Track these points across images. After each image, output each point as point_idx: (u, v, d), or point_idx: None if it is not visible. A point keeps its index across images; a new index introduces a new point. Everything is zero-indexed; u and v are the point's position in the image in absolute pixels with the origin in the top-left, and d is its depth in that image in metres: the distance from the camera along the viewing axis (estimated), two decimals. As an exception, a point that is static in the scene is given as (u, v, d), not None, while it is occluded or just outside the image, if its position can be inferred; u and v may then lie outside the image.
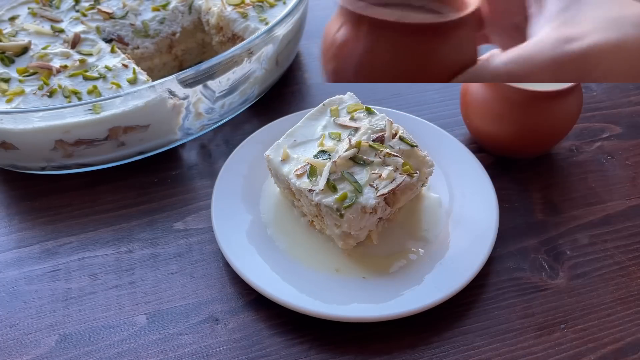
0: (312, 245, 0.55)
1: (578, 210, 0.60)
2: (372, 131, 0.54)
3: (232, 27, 0.71)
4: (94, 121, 0.58)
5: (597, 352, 0.48)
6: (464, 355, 0.48)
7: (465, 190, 0.58)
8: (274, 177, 0.56)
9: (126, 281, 0.54)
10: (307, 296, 0.49)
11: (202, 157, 0.67)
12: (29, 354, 0.49)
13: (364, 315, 0.48)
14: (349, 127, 0.55)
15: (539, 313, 0.51)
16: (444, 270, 0.51)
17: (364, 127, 0.54)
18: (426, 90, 0.76)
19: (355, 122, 0.56)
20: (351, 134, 0.55)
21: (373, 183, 0.49)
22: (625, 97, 0.74)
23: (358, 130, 0.54)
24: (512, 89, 0.56)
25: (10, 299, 0.53)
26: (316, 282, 0.51)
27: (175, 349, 0.49)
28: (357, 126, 0.55)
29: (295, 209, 0.57)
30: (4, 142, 0.60)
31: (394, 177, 0.50)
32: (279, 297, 0.49)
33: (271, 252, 0.54)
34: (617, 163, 0.65)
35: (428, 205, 0.58)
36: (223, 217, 0.56)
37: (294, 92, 0.76)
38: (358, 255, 0.54)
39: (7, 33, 0.69)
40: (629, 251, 0.56)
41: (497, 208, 0.55)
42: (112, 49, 0.67)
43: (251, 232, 0.55)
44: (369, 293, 0.50)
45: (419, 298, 0.49)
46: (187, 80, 0.60)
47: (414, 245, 0.54)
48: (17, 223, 0.60)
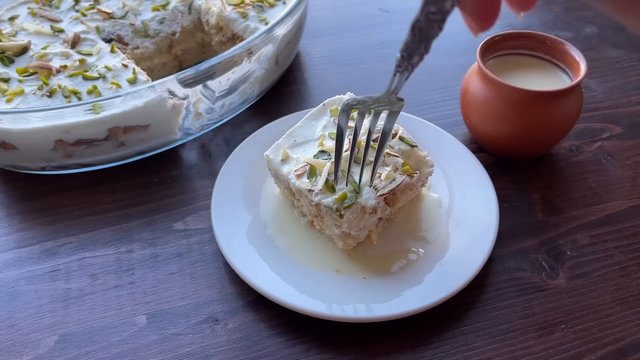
0: (312, 245, 0.55)
1: (578, 210, 0.60)
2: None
3: (232, 27, 0.71)
4: (93, 121, 0.58)
5: (597, 352, 0.48)
6: (464, 356, 0.48)
7: (466, 191, 0.58)
8: (274, 177, 0.56)
9: (126, 281, 0.54)
10: (307, 296, 0.49)
11: (202, 157, 0.67)
12: (29, 354, 0.49)
13: (364, 315, 0.48)
14: (349, 127, 0.55)
15: (539, 313, 0.51)
16: (444, 270, 0.51)
17: (364, 127, 0.54)
18: (426, 90, 0.76)
19: (355, 122, 0.56)
20: (351, 134, 0.55)
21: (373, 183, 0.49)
22: (625, 97, 0.74)
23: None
24: (512, 89, 0.56)
25: (10, 299, 0.53)
26: (316, 282, 0.51)
27: (175, 349, 0.49)
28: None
29: (295, 209, 0.57)
30: (4, 142, 0.60)
31: (393, 177, 0.50)
32: (279, 297, 0.49)
33: (271, 252, 0.54)
34: (617, 163, 0.65)
35: (428, 205, 0.58)
36: (223, 217, 0.56)
37: (294, 92, 0.76)
38: (358, 255, 0.54)
39: (7, 33, 0.69)
40: (629, 251, 0.56)
41: (497, 208, 0.55)
42: (112, 49, 0.67)
43: (251, 232, 0.55)
44: (369, 293, 0.50)
45: (419, 298, 0.49)
46: (187, 80, 0.60)
47: (414, 245, 0.54)
48: (17, 223, 0.60)
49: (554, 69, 0.62)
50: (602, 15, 0.90)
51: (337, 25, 0.90)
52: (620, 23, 0.87)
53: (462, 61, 0.81)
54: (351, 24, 0.90)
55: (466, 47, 0.84)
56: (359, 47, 0.84)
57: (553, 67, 0.62)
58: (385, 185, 0.49)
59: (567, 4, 0.93)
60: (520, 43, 0.63)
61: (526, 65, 0.63)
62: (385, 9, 0.93)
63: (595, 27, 0.87)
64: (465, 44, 0.85)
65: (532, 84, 0.59)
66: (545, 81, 0.61)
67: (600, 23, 0.88)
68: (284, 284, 0.50)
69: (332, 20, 0.91)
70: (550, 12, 0.91)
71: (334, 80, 0.78)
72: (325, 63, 0.82)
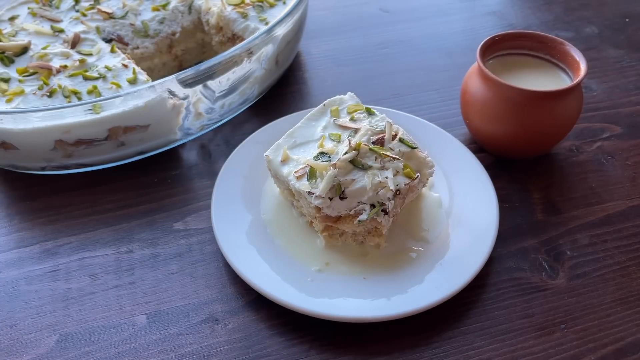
0: (312, 245, 0.55)
1: (578, 210, 0.60)
2: (372, 132, 0.54)
3: (232, 27, 0.71)
4: (94, 121, 0.58)
5: (597, 352, 0.48)
6: (464, 355, 0.48)
7: (466, 190, 0.58)
8: (274, 178, 0.56)
9: (126, 281, 0.54)
10: (307, 296, 0.49)
11: (202, 157, 0.67)
12: (29, 354, 0.49)
13: (364, 315, 0.48)
14: (349, 128, 0.55)
15: (539, 313, 0.51)
16: (444, 270, 0.51)
17: (364, 129, 0.54)
18: (426, 90, 0.76)
19: (355, 122, 0.56)
20: (351, 135, 0.55)
21: (378, 191, 0.49)
22: (625, 97, 0.74)
23: (358, 131, 0.54)
24: (512, 89, 0.56)
25: (10, 299, 0.53)
26: (316, 282, 0.51)
27: (175, 349, 0.49)
28: (357, 127, 0.55)
29: (295, 208, 0.57)
30: (4, 142, 0.60)
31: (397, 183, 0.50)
32: (278, 297, 0.49)
33: (271, 252, 0.54)
34: (617, 163, 0.65)
35: (428, 205, 0.58)
36: (223, 217, 0.56)
37: (294, 92, 0.76)
38: (358, 256, 0.54)
39: (7, 33, 0.69)
40: (629, 251, 0.56)
41: (497, 208, 0.55)
42: (112, 49, 0.67)
43: (251, 232, 0.55)
44: (369, 293, 0.50)
45: (419, 298, 0.49)
46: (187, 80, 0.60)
47: (414, 244, 0.54)
48: (17, 223, 0.60)
49: (554, 69, 0.62)
50: (602, 15, 0.90)
51: (337, 25, 0.90)
52: (620, 23, 0.87)
53: (462, 61, 0.81)
54: (351, 24, 0.90)
55: (466, 47, 0.84)
56: (359, 47, 0.84)
57: (553, 67, 0.63)
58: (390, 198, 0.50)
59: (567, 4, 0.93)
60: (520, 43, 0.63)
61: (526, 65, 0.63)
62: (385, 9, 0.93)
63: (595, 27, 0.87)
64: (465, 44, 0.85)
65: (532, 84, 0.59)
66: (545, 81, 0.61)
67: (600, 23, 0.88)
68: (284, 283, 0.50)
69: (332, 20, 0.91)
70: (550, 12, 0.91)
71: (334, 80, 0.78)
72: (325, 63, 0.82)
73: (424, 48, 0.84)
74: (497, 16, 0.91)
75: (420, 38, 0.86)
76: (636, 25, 0.88)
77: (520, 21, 0.89)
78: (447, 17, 0.91)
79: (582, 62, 0.59)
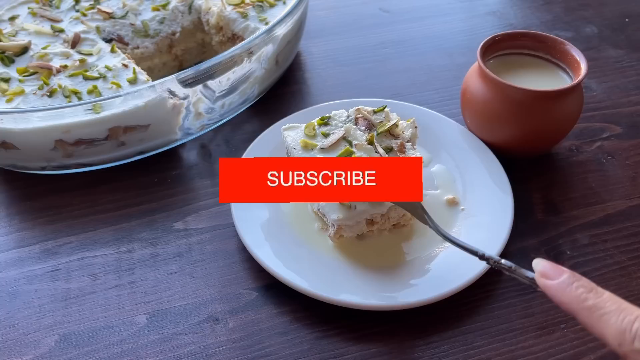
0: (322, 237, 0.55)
1: (578, 210, 0.60)
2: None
3: (232, 26, 0.71)
4: (94, 121, 0.58)
5: (597, 352, 0.48)
6: (464, 355, 0.48)
7: (477, 188, 0.59)
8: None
9: (126, 281, 0.54)
10: (318, 280, 0.50)
11: (202, 157, 0.67)
12: (29, 354, 0.49)
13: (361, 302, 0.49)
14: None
15: (539, 313, 0.51)
16: (444, 270, 0.51)
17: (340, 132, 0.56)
18: (426, 90, 0.76)
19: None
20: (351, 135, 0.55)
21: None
22: (625, 97, 0.74)
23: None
24: (513, 88, 0.56)
25: (10, 299, 0.53)
26: (329, 269, 0.52)
27: (175, 348, 0.49)
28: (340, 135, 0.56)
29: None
30: (4, 142, 0.60)
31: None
32: (292, 282, 0.50)
33: (286, 239, 0.55)
34: (617, 163, 0.65)
35: (433, 203, 0.58)
36: (242, 207, 0.56)
37: (294, 92, 0.76)
38: (362, 248, 0.54)
39: (7, 33, 0.69)
40: (629, 251, 0.56)
41: (512, 208, 0.56)
42: (112, 48, 0.67)
43: (269, 223, 0.56)
44: (370, 287, 0.50)
45: (418, 297, 0.49)
46: (187, 80, 0.60)
47: (416, 242, 0.55)
48: (17, 223, 0.60)
49: (554, 69, 0.62)
50: (602, 15, 0.90)
51: (337, 25, 0.90)
52: (620, 23, 0.87)
53: (462, 61, 0.81)
54: (351, 24, 0.90)
55: (466, 47, 0.84)
56: (359, 47, 0.85)
57: (553, 67, 0.63)
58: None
59: (567, 4, 0.93)
60: (520, 43, 0.63)
61: (526, 65, 0.63)
62: (385, 9, 0.93)
63: (595, 27, 0.87)
64: (465, 44, 0.85)
65: (532, 84, 0.59)
66: (546, 81, 0.61)
67: (600, 23, 0.88)
68: (295, 271, 0.51)
69: (332, 20, 0.91)
70: (550, 12, 0.91)
71: (334, 80, 0.78)
72: (325, 63, 0.82)
73: (424, 48, 0.84)
74: (497, 16, 0.91)
75: (420, 38, 0.86)
76: (636, 25, 0.88)
77: (520, 21, 0.89)
78: (447, 17, 0.91)
79: (582, 62, 0.59)
